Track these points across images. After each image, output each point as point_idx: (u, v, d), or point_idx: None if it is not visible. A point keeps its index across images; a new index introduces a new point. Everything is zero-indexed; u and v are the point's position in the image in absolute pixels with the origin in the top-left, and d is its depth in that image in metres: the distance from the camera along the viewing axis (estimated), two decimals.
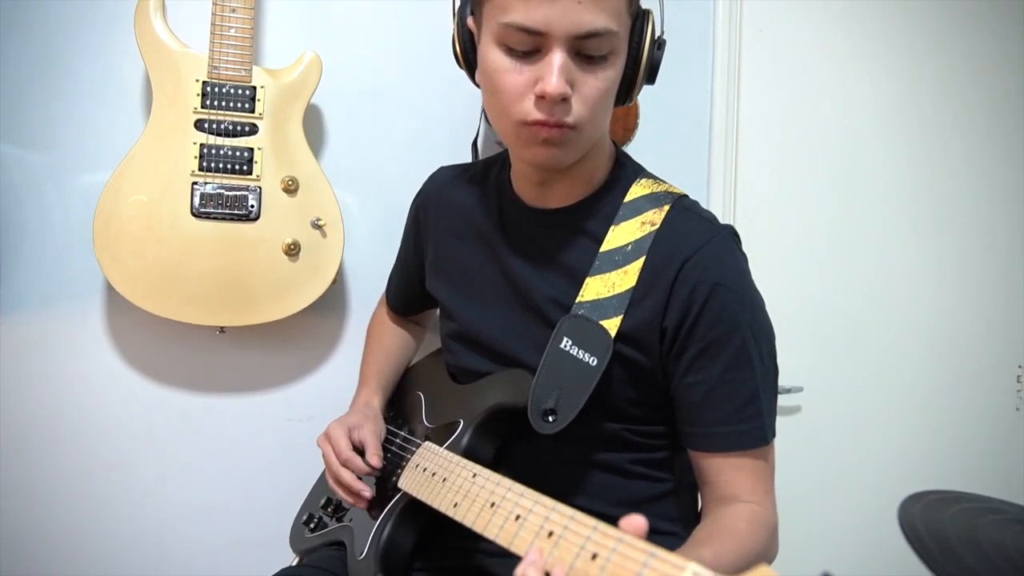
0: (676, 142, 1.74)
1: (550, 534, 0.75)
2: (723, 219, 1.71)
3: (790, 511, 1.75)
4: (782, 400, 1.77)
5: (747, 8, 1.75)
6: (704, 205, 1.70)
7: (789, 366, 1.75)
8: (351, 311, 1.58)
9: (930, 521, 0.74)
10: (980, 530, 0.73)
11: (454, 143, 1.53)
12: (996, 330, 1.96)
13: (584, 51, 0.93)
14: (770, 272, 1.86)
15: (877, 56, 1.85)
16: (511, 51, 0.94)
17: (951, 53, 1.89)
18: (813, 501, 1.84)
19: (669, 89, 1.72)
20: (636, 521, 0.68)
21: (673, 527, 1.10)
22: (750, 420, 1.00)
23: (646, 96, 1.60)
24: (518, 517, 0.81)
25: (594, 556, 0.68)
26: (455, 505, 0.92)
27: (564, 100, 0.93)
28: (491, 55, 0.96)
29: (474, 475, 0.93)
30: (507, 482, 0.87)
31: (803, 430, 1.81)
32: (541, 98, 0.92)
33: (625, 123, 1.50)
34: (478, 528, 0.86)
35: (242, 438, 1.54)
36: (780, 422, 1.76)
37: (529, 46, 0.93)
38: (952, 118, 1.90)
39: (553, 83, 0.91)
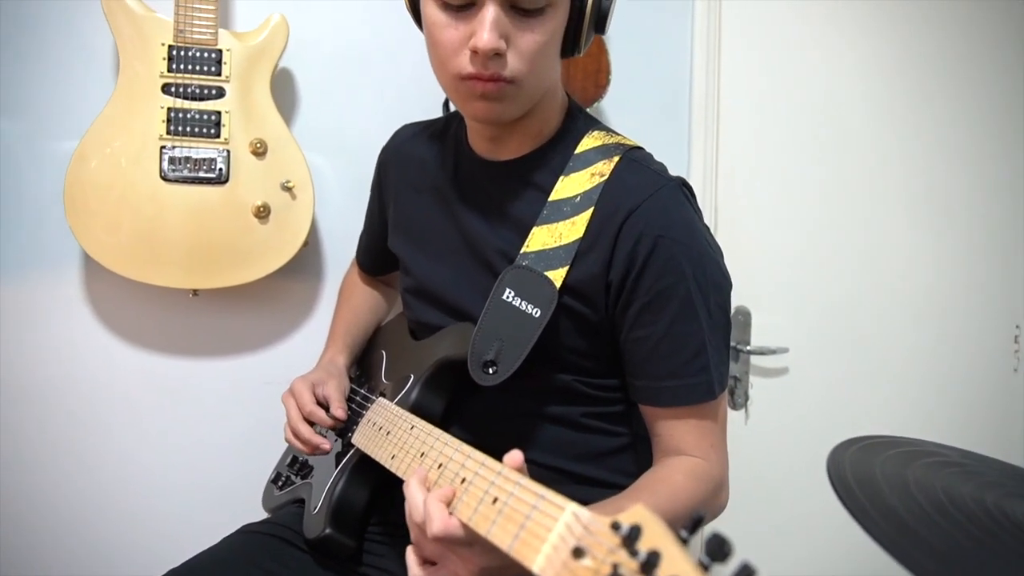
0: (655, 105, 1.71)
1: (463, 480, 0.76)
2: (704, 183, 1.70)
3: (775, 474, 1.75)
4: (766, 362, 1.76)
5: None
6: (684, 168, 1.70)
7: (773, 327, 1.74)
8: (326, 274, 1.58)
9: (860, 464, 0.72)
10: (910, 472, 0.72)
11: (426, 102, 1.51)
12: (993, 290, 1.91)
13: (519, 4, 0.93)
14: (754, 234, 1.84)
15: (857, 18, 1.79)
16: (447, 6, 0.94)
17: (934, 11, 1.83)
18: (800, 466, 1.81)
19: (648, 50, 1.70)
20: (514, 455, 0.73)
21: (630, 481, 1.08)
22: (697, 374, 0.99)
23: (625, 58, 1.59)
24: (440, 465, 0.82)
25: (495, 500, 0.69)
26: (392, 457, 0.93)
27: (498, 55, 0.92)
28: (428, 10, 0.96)
29: (412, 427, 0.94)
30: (437, 432, 0.88)
31: (789, 392, 1.79)
32: (475, 53, 0.92)
33: (597, 80, 1.48)
34: (406, 477, 0.86)
35: (218, 402, 1.56)
36: (764, 384, 1.75)
37: (463, 0, 0.92)
38: (940, 78, 1.85)
39: (485, 38, 0.90)
